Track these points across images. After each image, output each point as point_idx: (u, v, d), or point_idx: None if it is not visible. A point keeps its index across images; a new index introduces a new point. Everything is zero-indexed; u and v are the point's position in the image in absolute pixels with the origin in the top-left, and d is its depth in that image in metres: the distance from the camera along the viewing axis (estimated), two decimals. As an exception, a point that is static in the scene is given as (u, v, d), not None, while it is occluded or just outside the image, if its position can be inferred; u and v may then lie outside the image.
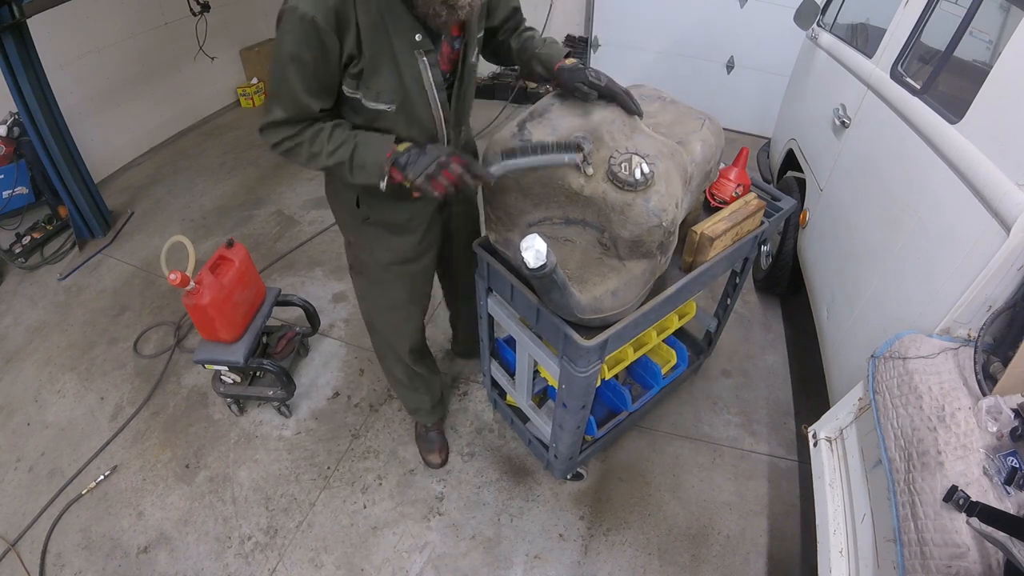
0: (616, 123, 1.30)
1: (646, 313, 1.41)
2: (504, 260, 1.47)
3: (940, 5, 1.71)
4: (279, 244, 3.15)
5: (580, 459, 1.90)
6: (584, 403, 1.53)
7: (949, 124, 1.43)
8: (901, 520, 1.07)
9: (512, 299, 1.52)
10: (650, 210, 1.21)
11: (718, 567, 1.79)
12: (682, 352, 1.96)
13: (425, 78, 1.21)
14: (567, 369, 1.40)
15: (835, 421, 1.55)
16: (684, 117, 1.49)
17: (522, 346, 1.64)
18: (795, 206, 1.81)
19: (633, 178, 1.21)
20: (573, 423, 1.60)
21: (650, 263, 1.32)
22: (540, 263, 1.03)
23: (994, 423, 1.05)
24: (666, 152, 1.29)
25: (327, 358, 2.48)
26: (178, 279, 1.74)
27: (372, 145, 1.20)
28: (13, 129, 2.86)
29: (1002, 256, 1.16)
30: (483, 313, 1.75)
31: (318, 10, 1.03)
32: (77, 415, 2.26)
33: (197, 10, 3.86)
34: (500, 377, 1.95)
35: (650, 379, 1.94)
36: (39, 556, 1.82)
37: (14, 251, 2.94)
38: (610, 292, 1.29)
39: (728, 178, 1.63)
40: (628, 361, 1.73)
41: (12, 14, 2.46)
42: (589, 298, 1.26)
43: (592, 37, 4.37)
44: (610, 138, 1.28)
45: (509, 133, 1.29)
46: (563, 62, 1.34)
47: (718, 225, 1.50)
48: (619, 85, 1.33)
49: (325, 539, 1.86)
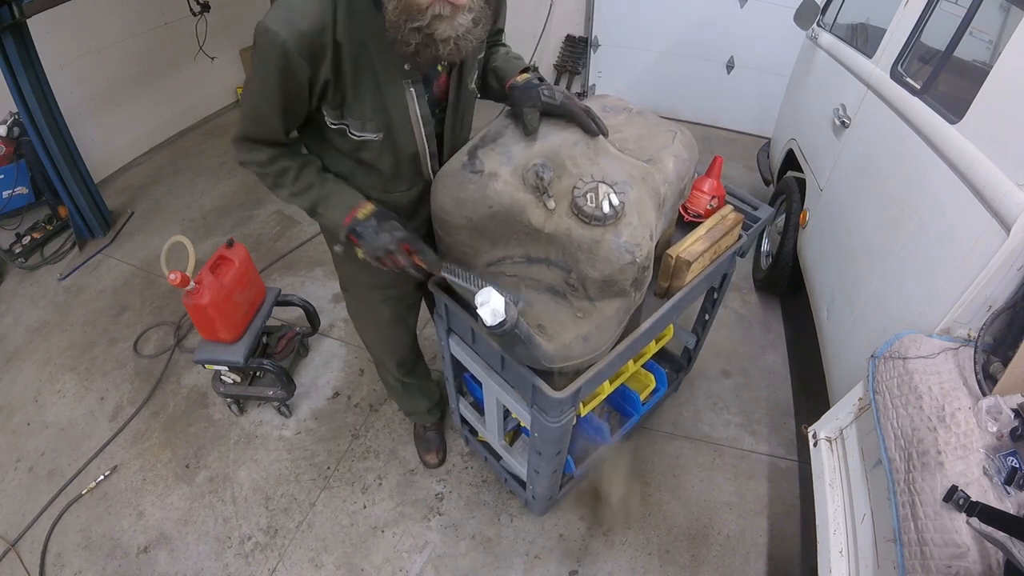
0: (579, 146, 1.16)
1: (622, 352, 1.31)
2: (463, 301, 1.34)
3: (940, 5, 1.71)
4: (279, 244, 3.15)
5: (560, 496, 1.81)
6: (559, 449, 1.44)
7: (949, 124, 1.43)
8: (901, 520, 1.07)
9: (474, 343, 1.38)
10: (621, 246, 1.07)
11: (718, 567, 1.79)
12: (661, 375, 1.88)
13: (412, 109, 1.13)
14: (539, 419, 1.30)
15: (835, 421, 1.55)
16: (653, 130, 1.33)
17: (489, 390, 1.50)
18: (772, 215, 1.73)
19: (601, 211, 1.07)
20: (549, 468, 1.51)
21: (624, 302, 1.18)
22: (498, 320, 0.93)
23: (994, 423, 1.05)
24: (636, 176, 1.16)
25: (327, 358, 2.48)
26: (178, 279, 1.74)
27: (333, 203, 1.16)
28: (13, 129, 2.86)
29: (1002, 256, 1.16)
30: (445, 354, 1.61)
31: (291, 34, 0.95)
32: (77, 415, 2.26)
33: (197, 10, 3.86)
34: (469, 415, 1.82)
35: (629, 408, 1.85)
36: (39, 556, 1.82)
37: (14, 251, 2.94)
38: (581, 338, 1.17)
39: (702, 190, 1.53)
40: (605, 395, 1.59)
41: (12, 14, 2.46)
42: (558, 346, 1.14)
43: (592, 37, 4.37)
44: (572, 164, 1.13)
45: (459, 163, 1.17)
46: (515, 79, 1.23)
47: (695, 246, 1.39)
48: (577, 102, 1.20)
49: (325, 539, 1.86)
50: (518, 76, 1.25)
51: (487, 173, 1.12)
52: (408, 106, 1.12)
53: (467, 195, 1.14)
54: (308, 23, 0.96)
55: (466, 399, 1.84)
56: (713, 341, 2.52)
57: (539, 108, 1.17)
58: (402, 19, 0.93)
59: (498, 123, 1.23)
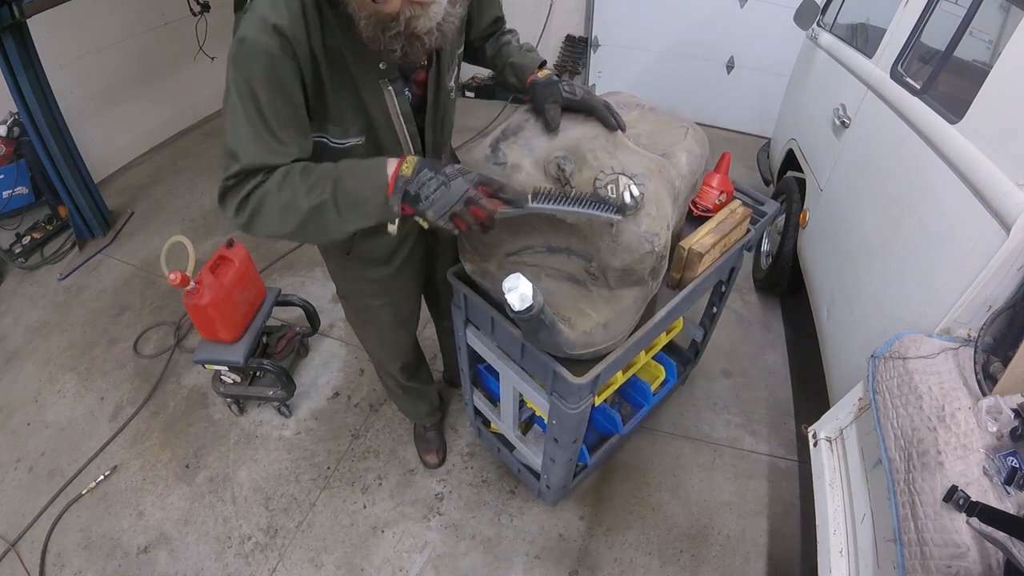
0: (598, 139, 1.19)
1: (638, 340, 1.35)
2: (483, 292, 1.36)
3: (940, 5, 1.71)
4: (279, 244, 3.15)
5: (573, 486, 1.84)
6: (576, 437, 1.47)
7: (949, 124, 1.43)
8: (901, 520, 1.07)
9: (493, 332, 1.41)
10: (641, 235, 1.12)
11: (718, 567, 1.79)
12: (671, 367, 1.91)
13: (392, 109, 1.10)
14: (558, 406, 1.33)
15: (835, 421, 1.55)
16: (665, 126, 1.38)
17: (506, 379, 1.53)
18: (779, 210, 1.75)
19: (622, 201, 1.10)
20: (565, 456, 1.54)
21: (642, 290, 1.23)
22: (526, 305, 0.95)
23: (994, 423, 1.05)
24: (654, 169, 1.20)
25: (327, 358, 2.48)
26: (178, 279, 1.74)
27: (361, 173, 0.97)
28: (13, 129, 2.86)
29: (1002, 256, 1.16)
30: (462, 345, 1.63)
31: (271, 38, 0.90)
32: (77, 415, 2.26)
33: (197, 10, 3.85)
34: (483, 406, 1.84)
35: (640, 398, 1.87)
36: (39, 556, 1.82)
37: (14, 251, 2.94)
38: (601, 325, 1.21)
39: (711, 185, 1.55)
40: (617, 384, 1.63)
41: (12, 14, 2.46)
42: (579, 333, 1.19)
43: (592, 37, 4.36)
44: (592, 157, 1.17)
45: (482, 155, 1.19)
46: (536, 75, 1.25)
47: (706, 239, 1.43)
48: (597, 98, 1.22)
49: (325, 539, 1.86)
50: (538, 72, 1.26)
51: (510, 165, 1.15)
52: (387, 105, 1.10)
53: None
54: (287, 25, 0.91)
55: (480, 391, 1.85)
56: (713, 341, 2.51)
57: (560, 103, 1.18)
58: (377, 31, 0.92)
59: (519, 116, 1.25)
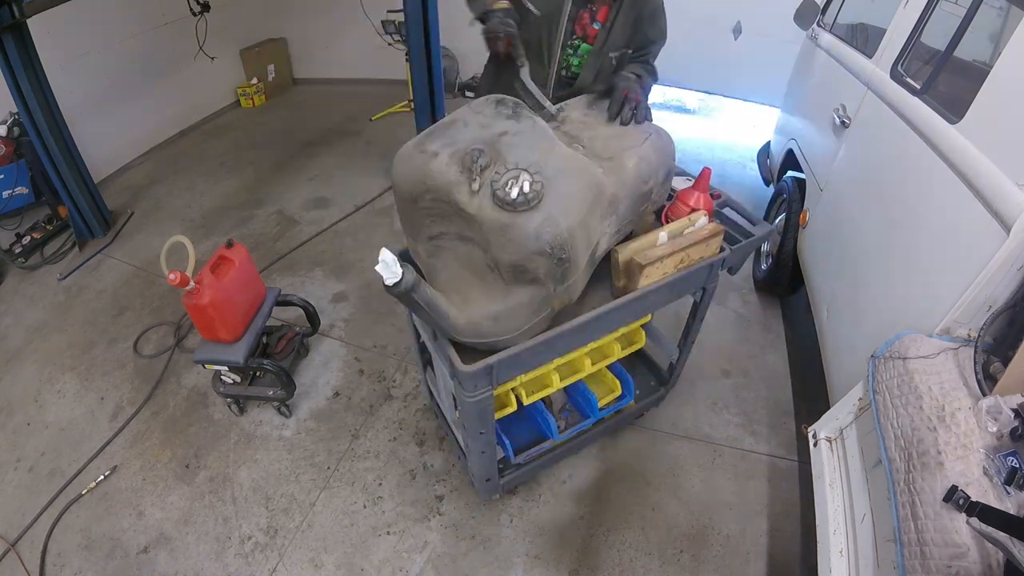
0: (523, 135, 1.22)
1: (548, 342, 1.31)
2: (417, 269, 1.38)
3: (940, 5, 1.71)
4: (279, 244, 3.15)
5: (503, 483, 1.80)
6: (481, 429, 1.44)
7: (949, 124, 1.43)
8: (901, 520, 1.07)
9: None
10: (531, 233, 1.09)
11: (718, 567, 1.79)
12: (628, 383, 1.85)
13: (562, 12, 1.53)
14: (459, 392, 1.32)
15: (835, 421, 1.55)
16: (631, 131, 1.41)
17: (436, 360, 1.56)
18: (768, 232, 1.70)
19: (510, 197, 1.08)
20: (477, 446, 1.51)
21: (539, 290, 1.21)
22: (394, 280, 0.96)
23: (994, 423, 1.05)
24: (572, 168, 1.20)
25: (327, 358, 2.47)
26: (178, 279, 1.74)
27: None
28: (13, 129, 2.86)
29: (1002, 256, 1.16)
30: (408, 322, 1.67)
31: None
32: (77, 415, 2.26)
33: (197, 10, 3.86)
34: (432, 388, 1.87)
35: (586, 409, 1.83)
36: (39, 556, 1.82)
37: (14, 251, 2.94)
38: (490, 317, 1.20)
39: (687, 203, 1.50)
40: (552, 389, 1.59)
41: (12, 14, 2.46)
42: (465, 321, 1.19)
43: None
44: (508, 151, 1.19)
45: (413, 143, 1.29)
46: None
47: (654, 251, 1.37)
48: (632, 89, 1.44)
49: (325, 539, 1.86)
50: None
51: (429, 152, 1.22)
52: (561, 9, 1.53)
53: (410, 171, 1.25)
54: None
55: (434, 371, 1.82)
56: (713, 341, 2.52)
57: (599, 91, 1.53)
58: None
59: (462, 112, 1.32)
